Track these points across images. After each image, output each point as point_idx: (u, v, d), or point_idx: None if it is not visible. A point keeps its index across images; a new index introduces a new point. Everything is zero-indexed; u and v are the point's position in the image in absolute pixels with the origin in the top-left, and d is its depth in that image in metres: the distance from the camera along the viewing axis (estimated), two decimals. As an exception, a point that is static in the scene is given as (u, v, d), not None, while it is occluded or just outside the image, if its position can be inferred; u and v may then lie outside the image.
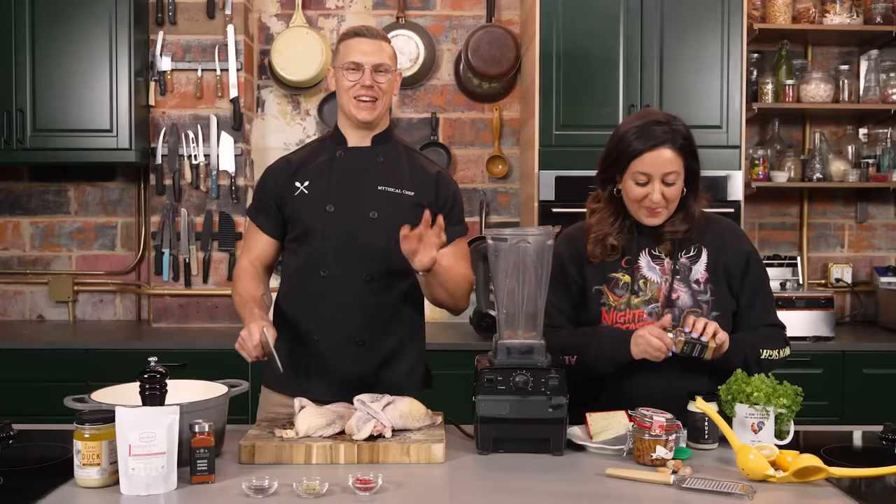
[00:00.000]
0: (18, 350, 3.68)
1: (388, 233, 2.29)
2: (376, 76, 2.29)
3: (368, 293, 2.31)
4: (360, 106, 2.31)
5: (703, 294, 2.20)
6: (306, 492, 1.68)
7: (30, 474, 1.82)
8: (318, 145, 2.46)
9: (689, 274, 2.21)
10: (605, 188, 2.25)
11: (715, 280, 2.21)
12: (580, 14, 3.71)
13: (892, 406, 3.61)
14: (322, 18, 4.31)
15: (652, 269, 2.22)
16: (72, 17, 3.86)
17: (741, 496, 1.68)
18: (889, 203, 4.42)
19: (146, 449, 1.69)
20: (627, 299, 2.21)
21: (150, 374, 1.85)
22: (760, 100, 4.07)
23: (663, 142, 2.12)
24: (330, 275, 2.32)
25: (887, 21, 3.99)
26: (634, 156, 2.13)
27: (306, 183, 2.36)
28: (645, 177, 2.13)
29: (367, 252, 2.31)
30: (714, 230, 2.27)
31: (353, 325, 2.32)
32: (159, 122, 4.09)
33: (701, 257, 2.23)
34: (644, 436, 1.87)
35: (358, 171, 2.36)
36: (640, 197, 2.15)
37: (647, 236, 2.24)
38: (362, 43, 2.31)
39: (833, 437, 2.15)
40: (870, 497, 1.69)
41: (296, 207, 2.35)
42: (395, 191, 2.34)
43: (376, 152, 2.38)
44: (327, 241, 2.32)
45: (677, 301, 2.19)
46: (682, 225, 2.21)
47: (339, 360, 2.32)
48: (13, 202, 4.34)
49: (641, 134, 2.13)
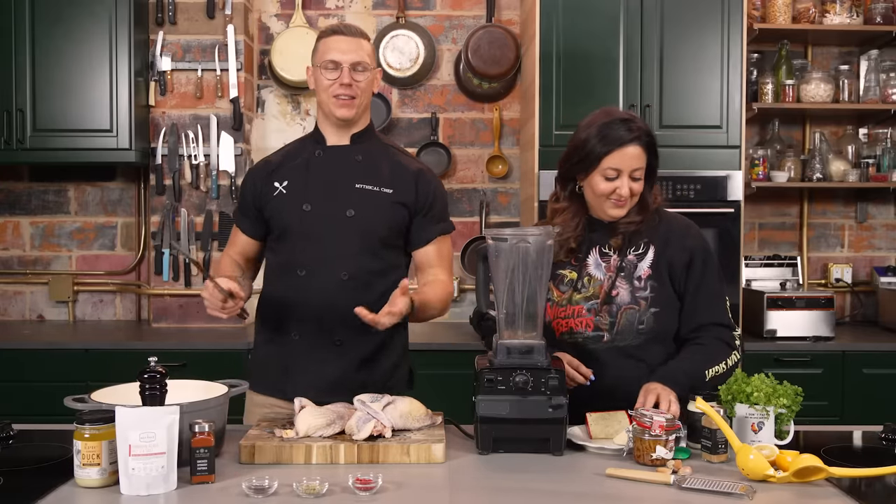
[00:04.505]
0: (18, 350, 3.68)
1: (365, 231, 2.30)
2: (355, 74, 2.29)
3: (346, 292, 2.28)
4: (339, 103, 2.30)
5: (642, 291, 2.23)
6: (306, 492, 1.68)
7: (30, 474, 1.82)
8: (299, 145, 2.46)
9: (634, 271, 2.25)
10: (566, 187, 2.31)
11: (658, 277, 2.24)
12: (580, 14, 3.71)
13: (892, 406, 3.61)
14: (322, 18, 4.31)
15: (598, 267, 2.27)
16: (72, 17, 3.86)
17: (741, 496, 1.68)
18: (889, 203, 4.42)
19: (146, 449, 1.69)
20: (569, 295, 2.27)
21: (150, 374, 1.85)
22: (760, 100, 4.07)
23: (634, 139, 2.19)
24: (307, 274, 2.31)
25: (887, 21, 3.99)
26: (607, 152, 2.18)
27: (285, 183, 2.36)
28: (615, 172, 2.19)
29: (344, 251, 2.30)
30: (665, 227, 2.30)
31: (331, 325, 2.30)
32: (159, 122, 4.09)
33: (648, 254, 2.27)
34: (644, 436, 1.87)
35: (335, 169, 2.35)
36: (609, 191, 2.21)
37: (599, 232, 2.29)
38: (340, 41, 2.31)
39: (833, 437, 2.15)
40: (870, 497, 1.69)
41: (275, 207, 2.35)
42: (373, 188, 2.33)
43: (355, 150, 2.37)
44: (304, 240, 2.32)
45: (616, 298, 2.23)
46: (637, 216, 2.26)
47: (317, 360, 2.31)
48: (13, 202, 4.34)
49: (612, 131, 2.19)
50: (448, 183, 4.33)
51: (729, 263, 3.69)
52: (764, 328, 3.82)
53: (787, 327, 3.82)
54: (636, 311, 2.21)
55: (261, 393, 2.36)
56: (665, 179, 3.66)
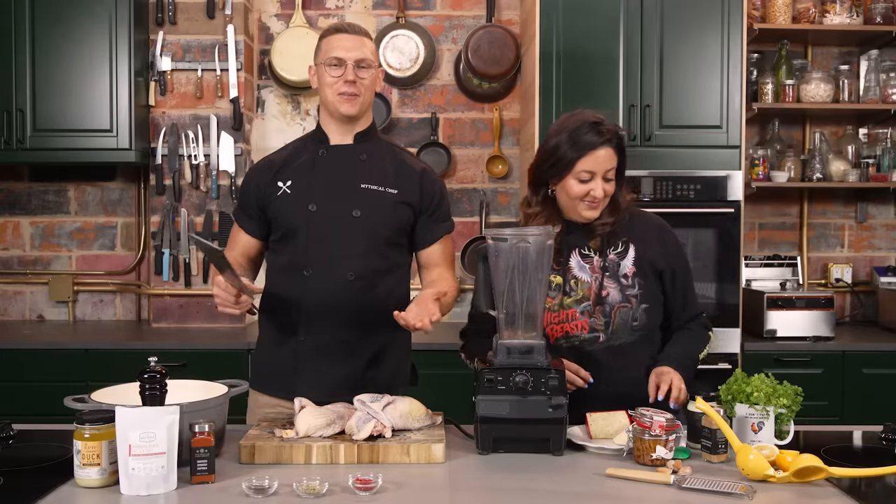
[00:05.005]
0: (18, 350, 3.68)
1: (371, 231, 2.29)
2: (359, 71, 2.28)
3: (353, 292, 2.28)
4: (343, 100, 2.29)
5: (631, 288, 2.29)
6: (306, 492, 1.68)
7: (30, 474, 1.82)
8: (301, 144, 2.44)
9: (618, 269, 2.30)
10: (539, 192, 2.33)
11: (642, 274, 2.30)
12: (580, 14, 3.71)
13: (892, 406, 3.61)
14: (322, 19, 4.31)
15: (582, 269, 2.30)
16: (72, 17, 3.86)
17: (741, 496, 1.68)
18: (889, 203, 4.42)
19: (146, 449, 1.69)
20: (560, 300, 2.29)
21: (150, 374, 1.85)
22: (760, 100, 4.07)
23: (606, 140, 2.22)
24: (314, 274, 2.29)
25: (887, 21, 3.99)
26: (581, 155, 2.21)
27: (289, 182, 2.34)
28: (589, 174, 2.22)
29: (350, 251, 2.29)
30: (639, 225, 2.36)
31: (338, 325, 2.29)
32: (159, 122, 4.09)
33: (629, 252, 2.31)
34: (644, 436, 1.87)
35: (340, 169, 2.34)
36: (583, 193, 2.23)
37: (577, 234, 2.32)
38: (344, 39, 2.31)
39: (833, 437, 2.15)
40: (870, 497, 1.69)
41: (279, 207, 2.34)
42: (379, 188, 2.32)
43: (359, 150, 2.36)
44: (310, 241, 2.30)
45: (607, 298, 2.27)
46: (610, 217, 2.30)
47: (325, 361, 2.30)
48: (13, 202, 4.34)
49: (585, 134, 2.21)
50: (448, 183, 4.33)
51: (729, 263, 3.69)
52: (764, 328, 3.82)
53: (787, 327, 3.81)
54: (629, 309, 2.27)
55: (268, 394, 2.35)
56: (665, 179, 3.66)
